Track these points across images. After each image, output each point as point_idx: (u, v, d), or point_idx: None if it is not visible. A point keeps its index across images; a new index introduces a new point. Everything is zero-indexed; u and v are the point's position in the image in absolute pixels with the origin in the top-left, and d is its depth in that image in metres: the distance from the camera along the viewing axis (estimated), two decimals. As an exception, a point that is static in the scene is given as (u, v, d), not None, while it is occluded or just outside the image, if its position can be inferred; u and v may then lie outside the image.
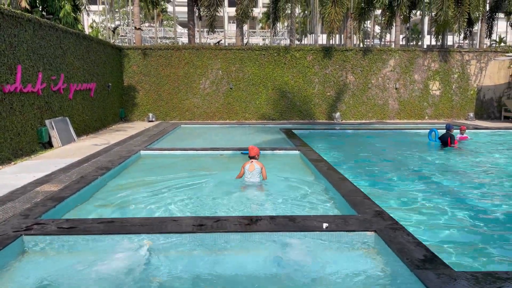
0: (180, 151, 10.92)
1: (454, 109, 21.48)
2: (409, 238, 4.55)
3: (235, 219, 5.14)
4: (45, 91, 11.64)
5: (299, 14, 47.13)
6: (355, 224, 4.97)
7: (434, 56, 21.12)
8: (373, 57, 20.79)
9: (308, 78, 20.67)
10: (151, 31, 43.46)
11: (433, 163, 10.39)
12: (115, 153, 10.24)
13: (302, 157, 10.16)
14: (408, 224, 5.33)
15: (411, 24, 34.47)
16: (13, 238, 4.56)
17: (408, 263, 3.91)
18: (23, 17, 10.38)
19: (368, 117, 21.14)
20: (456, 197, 7.19)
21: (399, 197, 7.12)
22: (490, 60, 21.33)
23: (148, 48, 20.33)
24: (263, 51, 20.57)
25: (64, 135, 12.22)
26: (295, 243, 4.71)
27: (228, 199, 6.84)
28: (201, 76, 20.37)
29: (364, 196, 6.31)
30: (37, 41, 11.18)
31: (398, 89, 21.07)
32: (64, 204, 6.02)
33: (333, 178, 7.54)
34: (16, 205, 5.83)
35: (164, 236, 4.71)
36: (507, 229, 5.76)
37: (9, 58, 9.75)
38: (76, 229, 4.84)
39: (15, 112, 9.99)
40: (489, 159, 10.95)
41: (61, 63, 12.68)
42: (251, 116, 20.72)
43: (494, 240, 5.32)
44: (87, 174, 7.79)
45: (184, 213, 6.13)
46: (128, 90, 20.23)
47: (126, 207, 6.42)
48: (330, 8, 20.59)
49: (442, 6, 20.36)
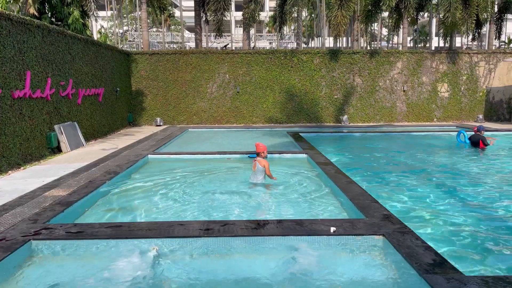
0: (188, 155, 10.96)
1: (463, 111, 21.28)
2: (418, 242, 4.50)
3: (242, 223, 5.12)
4: (54, 97, 11.76)
5: (306, 17, 47.15)
6: (363, 228, 4.93)
7: (442, 58, 20.97)
8: (381, 60, 20.69)
9: (315, 81, 20.63)
10: (158, 36, 43.76)
11: (443, 165, 10.28)
12: (123, 158, 10.29)
13: (309, 161, 10.12)
14: (417, 228, 5.27)
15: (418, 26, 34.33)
16: (22, 242, 4.59)
17: (417, 268, 3.86)
18: (32, 24, 10.51)
19: (376, 119, 21.02)
20: (467, 200, 7.10)
21: (407, 200, 7.05)
22: (499, 61, 21.11)
23: (155, 53, 20.46)
24: (270, 54, 20.59)
25: (73, 140, 12.32)
26: (303, 247, 4.68)
27: (236, 202, 6.83)
28: (208, 80, 20.44)
29: (372, 199, 6.26)
30: (46, 47, 11.31)
31: (406, 92, 20.93)
32: (72, 208, 6.06)
33: (340, 181, 7.49)
34: (25, 210, 5.88)
35: (171, 240, 4.71)
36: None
37: (18, 64, 9.87)
38: (84, 233, 4.86)
39: (24, 117, 10.10)
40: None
41: (69, 68, 12.80)
42: (258, 120, 20.72)
43: (506, 245, 5.24)
44: (95, 179, 7.83)
45: (192, 217, 6.13)
46: (136, 94, 20.37)
47: (134, 212, 6.44)
48: (337, 11, 20.57)
49: (450, 8, 20.22)
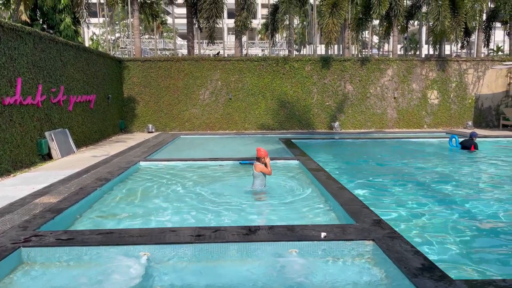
0: (180, 162, 10.94)
1: (453, 117, 21.55)
2: (407, 246, 4.55)
3: (234, 229, 5.14)
4: (45, 103, 11.71)
5: (298, 25, 47.53)
6: (353, 233, 4.98)
7: (432, 65, 21.26)
8: (371, 67, 20.92)
9: (307, 88, 20.78)
10: (151, 43, 43.78)
11: (434, 171, 10.39)
12: (114, 164, 10.26)
13: (301, 167, 10.17)
14: (407, 233, 5.33)
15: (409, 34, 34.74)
16: (11, 250, 4.56)
17: (406, 272, 3.91)
18: (23, 30, 10.49)
19: (367, 126, 21.20)
20: (456, 204, 7.19)
21: (397, 205, 7.11)
22: (487, 69, 21.46)
23: (148, 60, 20.48)
24: (262, 61, 20.71)
25: (64, 146, 12.26)
26: (294, 252, 4.71)
27: (227, 208, 6.84)
28: (200, 87, 20.49)
29: (362, 205, 6.32)
30: (37, 53, 11.28)
31: (397, 98, 21.16)
32: (63, 215, 6.02)
33: (331, 187, 7.55)
34: (15, 217, 5.84)
35: (162, 246, 4.71)
36: (508, 235, 5.75)
37: (9, 71, 9.83)
38: (74, 240, 4.84)
39: (14, 124, 10.04)
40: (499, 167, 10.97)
41: (61, 75, 12.77)
42: (250, 126, 20.78)
43: (494, 247, 5.31)
44: (86, 186, 7.80)
45: (183, 223, 6.13)
46: (128, 101, 20.33)
47: (125, 218, 6.42)
48: (328, 19, 20.78)
49: (439, 16, 20.54)
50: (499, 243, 5.50)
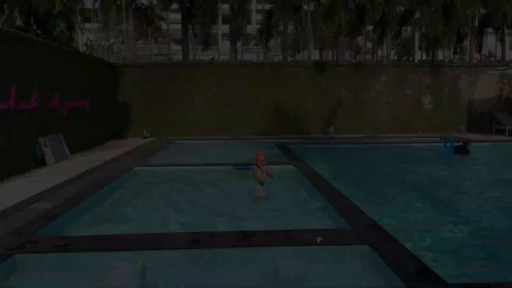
0: (174, 167, 10.92)
1: (446, 122, 21.69)
2: (403, 251, 4.57)
3: (230, 235, 5.14)
4: (39, 109, 11.63)
5: (292, 30, 47.71)
6: (349, 238, 4.99)
7: (425, 71, 21.44)
8: (365, 73, 21.06)
9: (302, 94, 20.85)
10: (145, 48, 43.73)
11: (428, 175, 10.46)
12: (109, 170, 10.22)
13: (296, 172, 10.19)
14: (402, 237, 5.34)
15: (402, 40, 35.07)
16: (5, 256, 4.52)
17: (402, 277, 3.92)
18: (17, 36, 10.45)
19: (362, 131, 21.26)
20: (452, 208, 7.23)
21: (394, 210, 7.14)
22: (480, 74, 21.67)
23: (142, 65, 20.47)
24: (257, 67, 20.80)
25: (58, 152, 12.18)
26: (290, 257, 4.71)
27: (223, 213, 6.84)
28: (195, 93, 20.48)
29: (358, 209, 6.34)
30: (32, 59, 11.24)
31: (391, 104, 21.29)
32: (57, 221, 5.98)
33: (327, 192, 7.57)
34: (9, 223, 5.79)
35: (158, 252, 4.69)
36: (504, 239, 5.79)
37: (3, 77, 9.78)
38: (70, 246, 4.81)
39: (8, 130, 9.97)
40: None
41: (55, 81, 12.71)
42: (245, 132, 20.79)
43: (490, 252, 5.35)
44: (81, 191, 7.76)
45: (179, 229, 6.11)
46: (122, 106, 20.26)
47: (121, 224, 6.38)
48: (322, 25, 20.93)
49: (432, 23, 20.78)
50: (496, 248, 5.53)
